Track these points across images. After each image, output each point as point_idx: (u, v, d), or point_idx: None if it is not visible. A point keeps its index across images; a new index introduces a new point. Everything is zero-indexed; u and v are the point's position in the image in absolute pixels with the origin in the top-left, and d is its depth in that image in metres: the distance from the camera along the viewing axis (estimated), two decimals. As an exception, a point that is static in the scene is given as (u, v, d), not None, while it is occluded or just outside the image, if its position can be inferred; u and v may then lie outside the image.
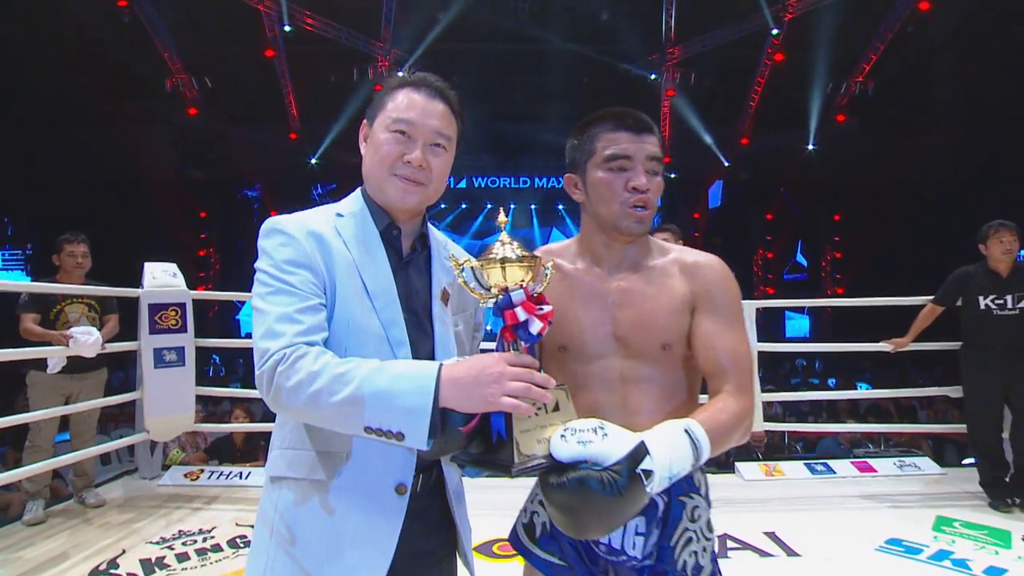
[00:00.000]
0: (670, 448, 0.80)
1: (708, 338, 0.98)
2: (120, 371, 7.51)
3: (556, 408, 0.87)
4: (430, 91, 0.99)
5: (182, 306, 3.31)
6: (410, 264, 1.02)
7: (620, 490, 0.75)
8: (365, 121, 1.03)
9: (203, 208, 13.54)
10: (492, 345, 0.98)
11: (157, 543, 2.59)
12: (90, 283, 3.22)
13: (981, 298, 3.04)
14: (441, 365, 0.83)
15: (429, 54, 11.20)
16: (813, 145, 12.04)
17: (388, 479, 0.91)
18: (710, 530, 1.01)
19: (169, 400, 3.25)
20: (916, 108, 11.05)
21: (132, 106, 11.13)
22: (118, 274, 3.62)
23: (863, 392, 5.65)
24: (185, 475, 3.43)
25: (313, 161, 12.83)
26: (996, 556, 2.45)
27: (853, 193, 12.61)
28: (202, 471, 3.48)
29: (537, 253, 1.13)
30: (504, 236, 0.89)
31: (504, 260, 0.85)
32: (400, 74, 1.02)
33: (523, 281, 0.86)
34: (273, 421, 0.99)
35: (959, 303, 3.17)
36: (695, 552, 0.97)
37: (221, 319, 13.46)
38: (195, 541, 2.61)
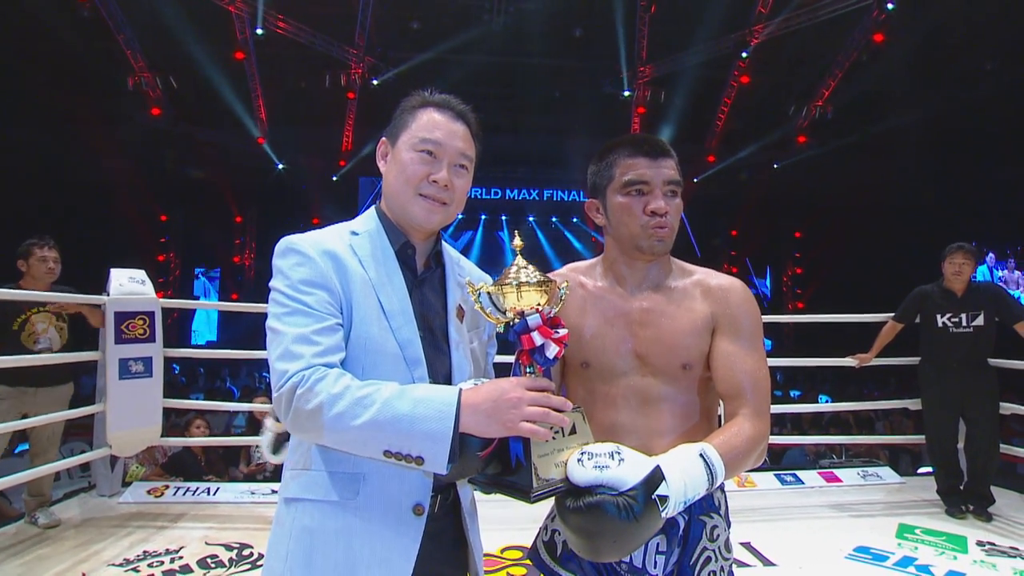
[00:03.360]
0: (685, 473, 0.82)
1: (728, 360, 1.00)
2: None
3: (573, 431, 0.88)
4: (452, 113, 1.00)
5: (150, 315, 3.17)
6: (424, 282, 1.02)
7: (636, 515, 0.76)
8: (384, 139, 1.03)
9: (164, 211, 13.07)
10: (506, 358, 0.97)
11: (120, 565, 2.46)
12: (56, 289, 3.06)
13: (938, 316, 3.21)
14: (460, 391, 0.83)
15: (403, 63, 11.18)
16: (776, 165, 12.54)
17: (406, 499, 0.90)
18: (728, 550, 1.03)
19: (134, 413, 3.11)
20: (871, 132, 11.64)
21: (90, 103, 10.67)
22: (72, 280, 3.44)
23: (827, 405, 5.86)
24: (148, 492, 3.28)
25: (280, 167, 12.58)
26: (955, 561, 2.58)
27: (814, 212, 13.16)
28: (167, 487, 3.34)
29: (563, 271, 1.16)
30: (519, 259, 0.90)
31: (520, 284, 0.86)
32: (424, 94, 1.02)
33: (539, 305, 0.87)
34: (237, 434, 0.97)
35: (917, 320, 3.35)
36: (713, 572, 0.99)
37: (178, 326, 12.98)
38: (162, 562, 2.49)
